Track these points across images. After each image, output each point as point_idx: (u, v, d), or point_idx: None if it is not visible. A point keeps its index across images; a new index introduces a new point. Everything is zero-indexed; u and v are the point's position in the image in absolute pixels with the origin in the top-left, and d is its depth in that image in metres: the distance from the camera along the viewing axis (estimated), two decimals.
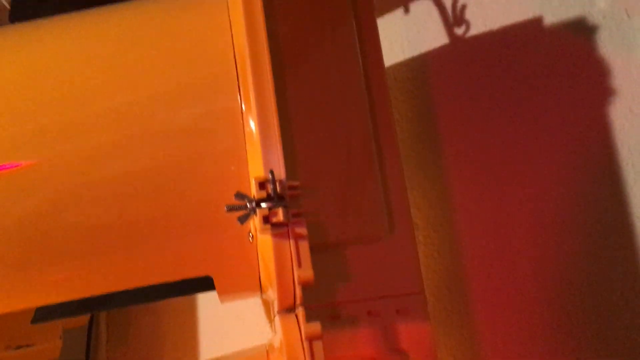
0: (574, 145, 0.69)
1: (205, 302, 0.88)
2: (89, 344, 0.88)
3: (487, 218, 0.72)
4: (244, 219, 0.46)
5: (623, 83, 0.68)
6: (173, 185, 0.52)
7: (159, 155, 0.52)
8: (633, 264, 0.64)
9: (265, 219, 0.45)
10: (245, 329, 0.83)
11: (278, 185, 0.46)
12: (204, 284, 0.55)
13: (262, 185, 0.46)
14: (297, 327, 0.46)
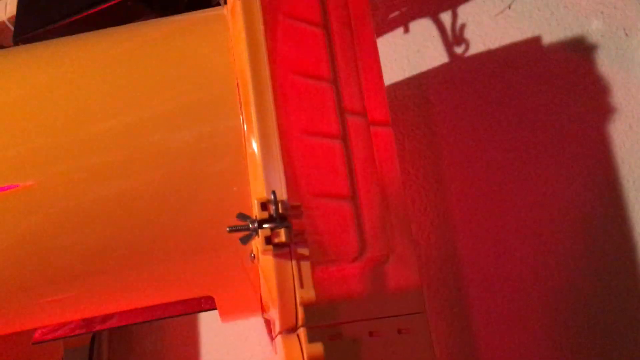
0: (575, 164, 0.69)
1: (208, 321, 0.88)
2: None
3: (486, 236, 0.72)
4: (246, 240, 0.46)
5: (622, 101, 0.68)
6: (175, 206, 0.52)
7: (160, 176, 0.52)
8: (633, 280, 0.64)
9: (268, 240, 0.45)
10: (248, 349, 0.83)
11: (280, 206, 0.46)
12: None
13: (264, 206, 0.46)
14: (299, 348, 0.46)
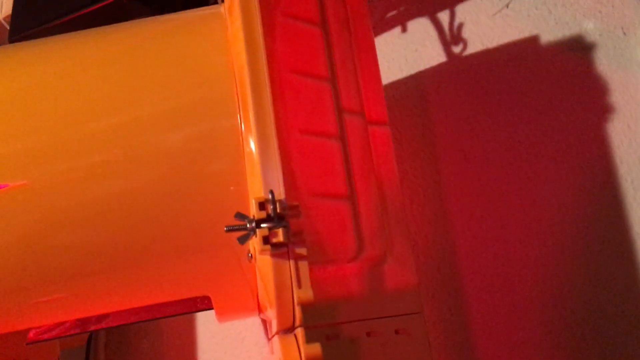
0: (572, 163, 0.69)
1: (205, 321, 0.87)
2: None
3: (485, 235, 0.72)
4: (244, 240, 0.46)
5: (621, 100, 0.68)
6: (171, 205, 0.51)
7: (157, 175, 0.51)
8: (632, 280, 0.64)
9: (265, 240, 0.45)
10: (245, 349, 0.83)
11: (278, 206, 0.45)
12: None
13: (262, 206, 0.45)
14: (296, 348, 0.46)
